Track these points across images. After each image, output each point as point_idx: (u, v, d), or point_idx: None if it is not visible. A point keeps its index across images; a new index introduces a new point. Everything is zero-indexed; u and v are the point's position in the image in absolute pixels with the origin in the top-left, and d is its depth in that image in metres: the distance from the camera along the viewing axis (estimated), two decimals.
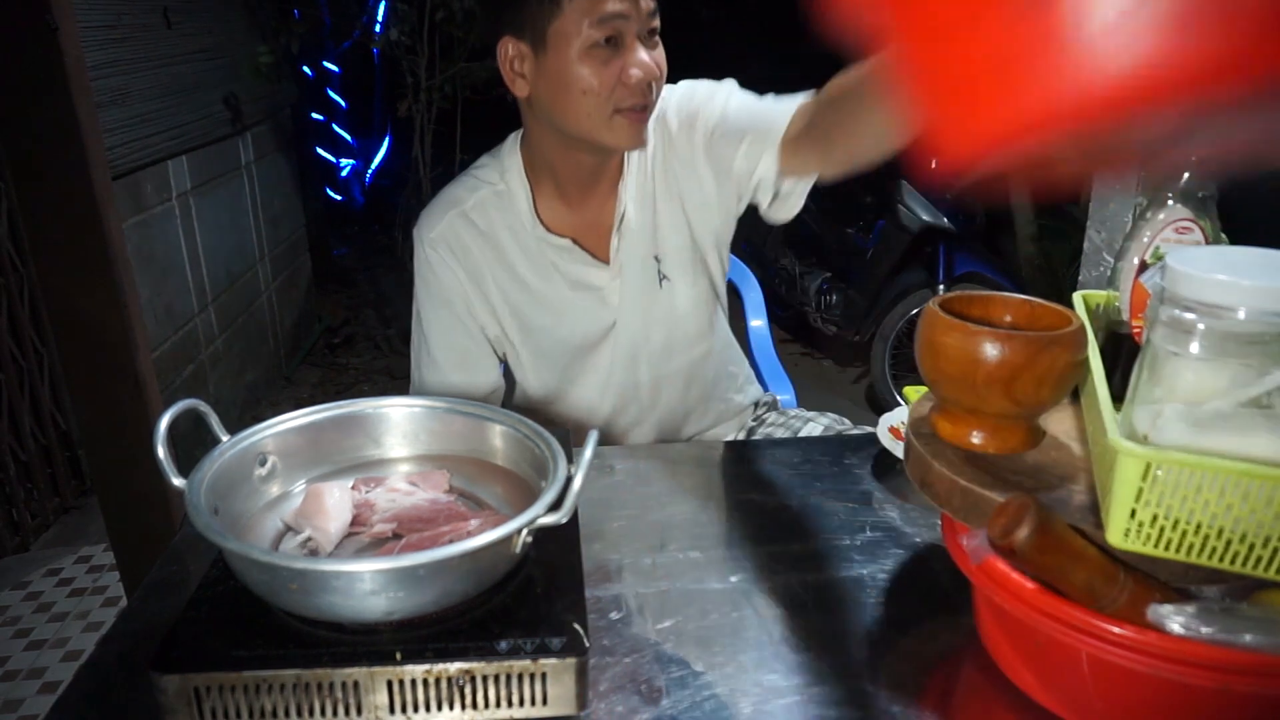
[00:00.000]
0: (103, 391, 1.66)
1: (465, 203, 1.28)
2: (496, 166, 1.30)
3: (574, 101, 1.14)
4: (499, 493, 0.91)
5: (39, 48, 1.48)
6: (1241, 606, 0.63)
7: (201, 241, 3.13)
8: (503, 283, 1.30)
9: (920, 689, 0.76)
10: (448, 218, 1.28)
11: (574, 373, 1.36)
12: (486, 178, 1.30)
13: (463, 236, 1.28)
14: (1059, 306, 0.79)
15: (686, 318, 1.36)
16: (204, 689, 0.67)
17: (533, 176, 1.28)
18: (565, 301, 1.31)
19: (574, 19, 1.10)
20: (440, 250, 1.28)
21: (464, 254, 1.28)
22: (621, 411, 1.40)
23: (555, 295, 1.31)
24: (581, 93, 1.13)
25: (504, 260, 1.29)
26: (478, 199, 1.28)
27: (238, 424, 0.88)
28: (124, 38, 2.61)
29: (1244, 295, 0.60)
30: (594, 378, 1.36)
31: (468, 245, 1.28)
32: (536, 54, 1.14)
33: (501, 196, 1.29)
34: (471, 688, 0.69)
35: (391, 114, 4.67)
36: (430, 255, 1.29)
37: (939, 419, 0.81)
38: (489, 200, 1.28)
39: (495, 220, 1.28)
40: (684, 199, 1.31)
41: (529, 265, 1.30)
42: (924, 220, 3.35)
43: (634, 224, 1.30)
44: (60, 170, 1.54)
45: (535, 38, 1.13)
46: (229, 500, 0.82)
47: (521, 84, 1.17)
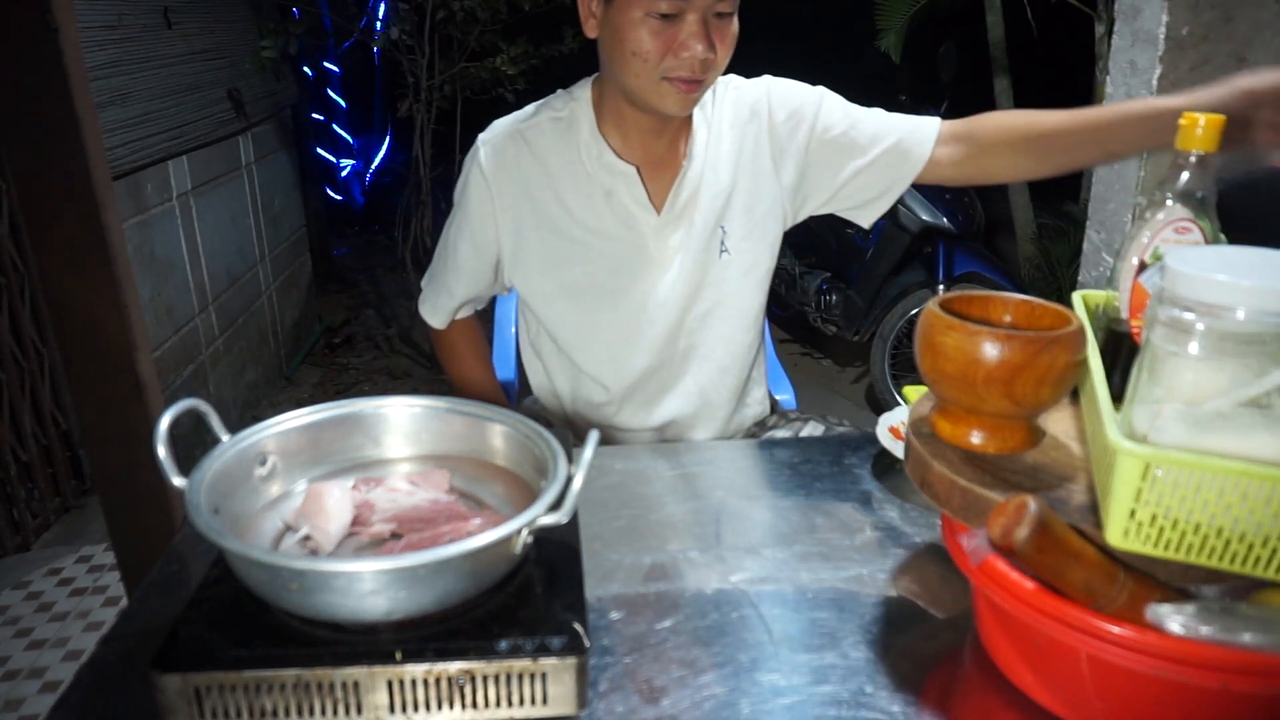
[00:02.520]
0: (103, 391, 1.66)
1: (524, 121, 1.33)
2: (565, 98, 1.34)
3: (625, 60, 1.18)
4: (499, 493, 0.91)
5: (39, 48, 1.48)
6: (1241, 606, 0.63)
7: (202, 241, 3.13)
8: (544, 203, 1.31)
9: (920, 689, 0.76)
10: (503, 127, 1.33)
11: (604, 317, 1.34)
12: (553, 105, 1.34)
13: (510, 148, 1.31)
14: (1059, 306, 0.79)
15: (738, 296, 1.37)
16: (204, 689, 0.67)
17: (599, 113, 1.31)
18: (608, 236, 1.31)
19: None
20: (482, 155, 1.31)
21: (502, 166, 1.31)
22: (650, 377, 1.38)
23: (599, 225, 1.31)
24: (632, 54, 1.17)
25: (551, 182, 1.31)
26: (537, 121, 1.32)
27: (238, 424, 0.88)
28: (124, 38, 2.61)
29: (1243, 295, 0.60)
30: (626, 328, 1.35)
31: (512, 158, 1.30)
32: (605, 2, 1.18)
33: (562, 123, 1.31)
34: (471, 687, 0.69)
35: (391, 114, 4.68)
36: (474, 164, 1.32)
37: (939, 419, 0.81)
38: (548, 125, 1.32)
39: (550, 144, 1.31)
40: (765, 182, 1.34)
41: (578, 192, 1.30)
42: (924, 220, 3.35)
43: (700, 185, 1.32)
44: (60, 170, 1.54)
45: None
46: (229, 500, 0.82)
47: (592, 25, 1.22)
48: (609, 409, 1.40)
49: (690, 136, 1.33)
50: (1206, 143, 0.77)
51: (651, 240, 1.32)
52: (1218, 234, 0.80)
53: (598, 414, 1.42)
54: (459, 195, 1.37)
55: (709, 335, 1.38)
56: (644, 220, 1.31)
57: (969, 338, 0.73)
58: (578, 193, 1.31)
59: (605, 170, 1.30)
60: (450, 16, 3.67)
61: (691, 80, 1.18)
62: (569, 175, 1.31)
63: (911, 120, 1.31)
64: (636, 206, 1.31)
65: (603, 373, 1.37)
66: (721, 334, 1.38)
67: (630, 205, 1.31)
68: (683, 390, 1.40)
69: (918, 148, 1.29)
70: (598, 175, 1.30)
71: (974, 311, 0.82)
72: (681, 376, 1.40)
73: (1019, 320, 0.82)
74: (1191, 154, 0.78)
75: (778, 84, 1.35)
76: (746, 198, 1.34)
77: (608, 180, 1.30)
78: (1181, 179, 0.79)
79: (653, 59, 1.16)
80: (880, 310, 3.49)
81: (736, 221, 1.34)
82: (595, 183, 1.30)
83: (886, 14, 3.75)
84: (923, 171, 1.30)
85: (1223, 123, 0.76)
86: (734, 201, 1.34)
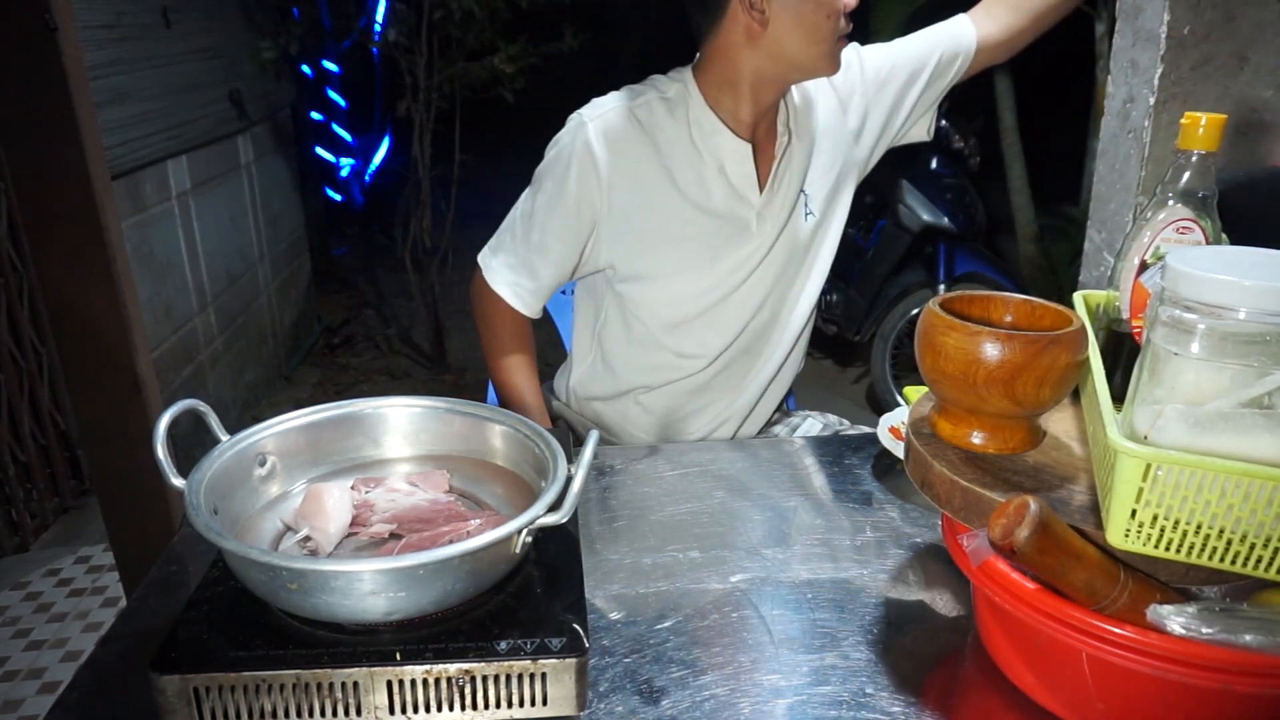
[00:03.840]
0: (102, 391, 1.66)
1: (631, 100, 1.32)
2: (668, 81, 1.34)
3: (813, 30, 1.21)
4: (499, 493, 0.91)
5: (38, 48, 1.48)
6: (1242, 607, 0.63)
7: (201, 241, 3.13)
8: (653, 181, 1.31)
9: (921, 690, 0.75)
10: (611, 106, 1.31)
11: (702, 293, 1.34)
12: (657, 86, 1.34)
13: (622, 126, 1.30)
14: (1059, 306, 0.79)
15: (822, 256, 1.41)
16: (204, 689, 0.67)
17: (707, 94, 1.30)
18: (716, 212, 1.32)
19: None
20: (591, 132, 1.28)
21: (613, 144, 1.29)
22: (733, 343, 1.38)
23: (708, 203, 1.31)
24: (819, 23, 1.20)
25: (661, 159, 1.31)
26: (646, 100, 1.32)
27: (237, 424, 0.88)
28: (123, 37, 2.61)
29: (1244, 295, 0.60)
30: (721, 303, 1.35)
31: (623, 136, 1.29)
32: None
33: (670, 103, 1.32)
34: (471, 688, 0.69)
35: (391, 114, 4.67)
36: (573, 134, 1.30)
37: (939, 419, 0.81)
38: (657, 104, 1.32)
39: (661, 122, 1.31)
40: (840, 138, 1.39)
41: (688, 169, 1.31)
42: (924, 220, 3.35)
43: (792, 158, 1.35)
44: (60, 170, 1.54)
45: None
46: (229, 500, 0.82)
47: (758, 19, 1.22)
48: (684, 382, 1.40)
49: (787, 115, 1.35)
50: (1208, 142, 0.77)
51: (755, 216, 1.33)
52: (1219, 234, 0.80)
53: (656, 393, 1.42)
54: (555, 172, 1.31)
55: (792, 299, 1.41)
56: (751, 197, 1.33)
57: (970, 338, 0.73)
58: (688, 170, 1.31)
59: (719, 146, 1.31)
60: (449, 16, 3.66)
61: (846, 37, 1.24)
62: (680, 153, 1.31)
63: (946, 28, 1.41)
64: (745, 184, 1.32)
65: (688, 345, 1.37)
66: (804, 295, 1.42)
67: (740, 183, 1.32)
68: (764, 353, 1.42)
69: (962, 53, 1.40)
70: (711, 151, 1.31)
71: (975, 311, 0.82)
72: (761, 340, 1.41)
73: (1020, 320, 0.81)
74: (1193, 153, 0.78)
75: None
76: (825, 158, 1.38)
77: (720, 157, 1.31)
78: (1183, 179, 0.79)
79: (832, 22, 1.21)
80: (881, 310, 3.49)
81: (818, 183, 1.38)
82: (707, 159, 1.31)
83: (882, 15, 3.75)
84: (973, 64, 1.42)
85: (1223, 122, 0.76)
86: (815, 164, 1.37)
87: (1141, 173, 1.14)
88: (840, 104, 1.39)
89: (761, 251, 1.34)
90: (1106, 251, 1.24)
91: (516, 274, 1.36)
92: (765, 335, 1.41)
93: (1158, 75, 1.10)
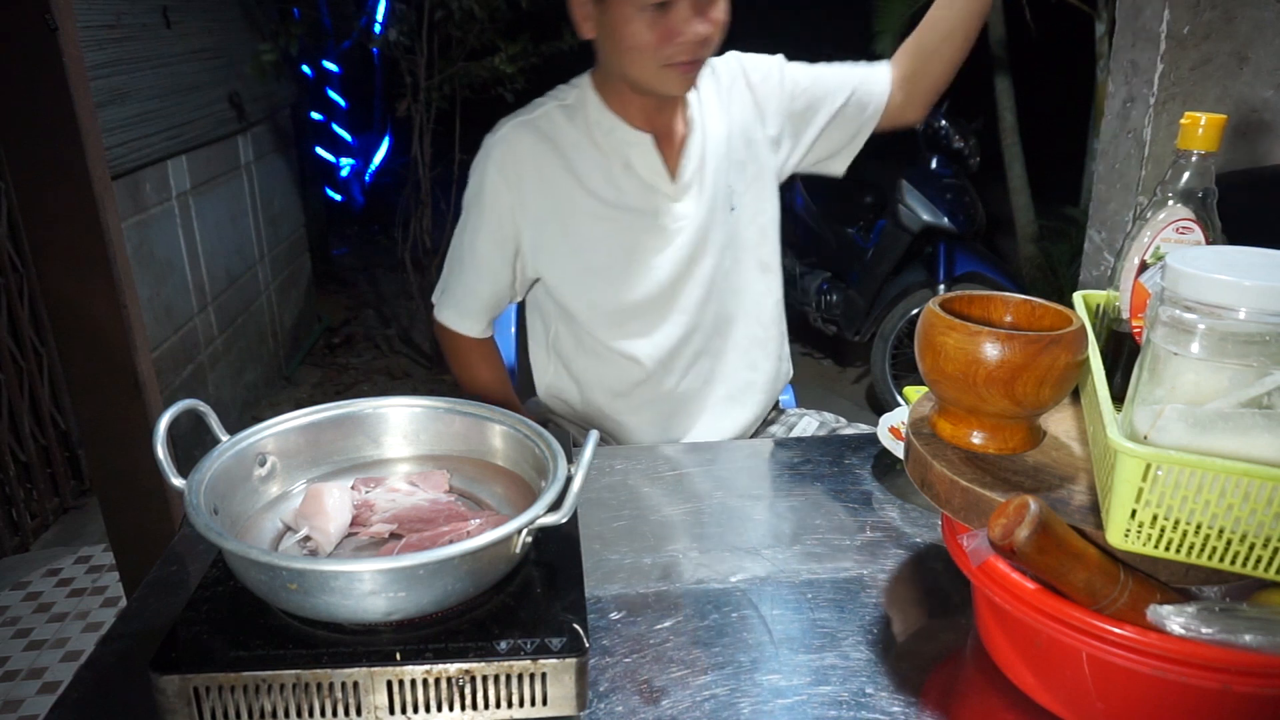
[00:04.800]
0: (102, 391, 1.66)
1: (531, 113, 1.34)
2: (567, 88, 1.37)
3: (625, 54, 1.22)
4: (499, 493, 0.91)
5: (39, 47, 1.48)
6: (1242, 607, 0.63)
7: (201, 241, 3.13)
8: (562, 188, 1.32)
9: (921, 690, 0.75)
10: (511, 124, 1.34)
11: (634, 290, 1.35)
12: (557, 95, 1.37)
13: (522, 141, 1.32)
14: (1059, 306, 0.79)
15: (753, 246, 1.42)
16: (204, 689, 0.67)
17: (604, 94, 1.33)
18: (628, 208, 1.33)
19: None
20: (495, 153, 1.32)
21: (516, 160, 1.31)
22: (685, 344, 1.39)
23: (619, 199, 1.33)
24: (630, 48, 1.20)
25: (567, 165, 1.32)
26: (545, 110, 1.34)
27: (237, 424, 0.88)
28: (124, 37, 2.61)
29: (1244, 295, 0.60)
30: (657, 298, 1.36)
31: (526, 150, 1.32)
32: (597, 3, 1.21)
33: (569, 109, 1.34)
34: (471, 688, 0.69)
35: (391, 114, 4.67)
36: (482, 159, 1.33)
37: (939, 419, 0.81)
38: (556, 112, 1.34)
39: (561, 128, 1.33)
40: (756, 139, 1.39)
41: (594, 170, 1.32)
42: (924, 220, 3.35)
43: (705, 151, 1.35)
44: (60, 170, 1.54)
45: None
46: (229, 500, 0.82)
47: (588, 26, 1.26)
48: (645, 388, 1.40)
49: (687, 107, 1.36)
50: (1207, 142, 0.77)
51: (671, 207, 1.34)
52: (1219, 234, 0.80)
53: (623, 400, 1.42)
54: (472, 198, 1.37)
55: (737, 294, 1.41)
56: (662, 187, 1.34)
57: (970, 338, 0.73)
58: (594, 170, 1.33)
59: (620, 142, 1.32)
60: (449, 16, 3.66)
61: (692, 61, 1.22)
62: (584, 155, 1.33)
63: (865, 70, 1.42)
64: (654, 174, 1.33)
65: (637, 348, 1.37)
66: (748, 290, 1.42)
67: (647, 174, 1.33)
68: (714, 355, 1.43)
69: (876, 96, 1.41)
70: (613, 148, 1.32)
71: (974, 312, 0.82)
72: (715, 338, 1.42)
73: (1020, 320, 0.81)
74: (1193, 153, 0.78)
75: (746, 55, 1.43)
76: (742, 155, 1.39)
77: (624, 151, 1.32)
78: (1183, 179, 0.79)
79: (650, 49, 1.20)
80: (881, 310, 3.49)
81: (738, 178, 1.39)
82: (611, 156, 1.33)
83: (884, 16, 3.75)
84: (883, 118, 1.42)
85: (1223, 122, 0.76)
86: (732, 160, 1.38)
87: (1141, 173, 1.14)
88: (757, 107, 1.40)
89: (686, 244, 1.34)
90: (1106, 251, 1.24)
91: (460, 302, 1.42)
92: (724, 334, 1.42)
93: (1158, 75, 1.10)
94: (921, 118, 1.45)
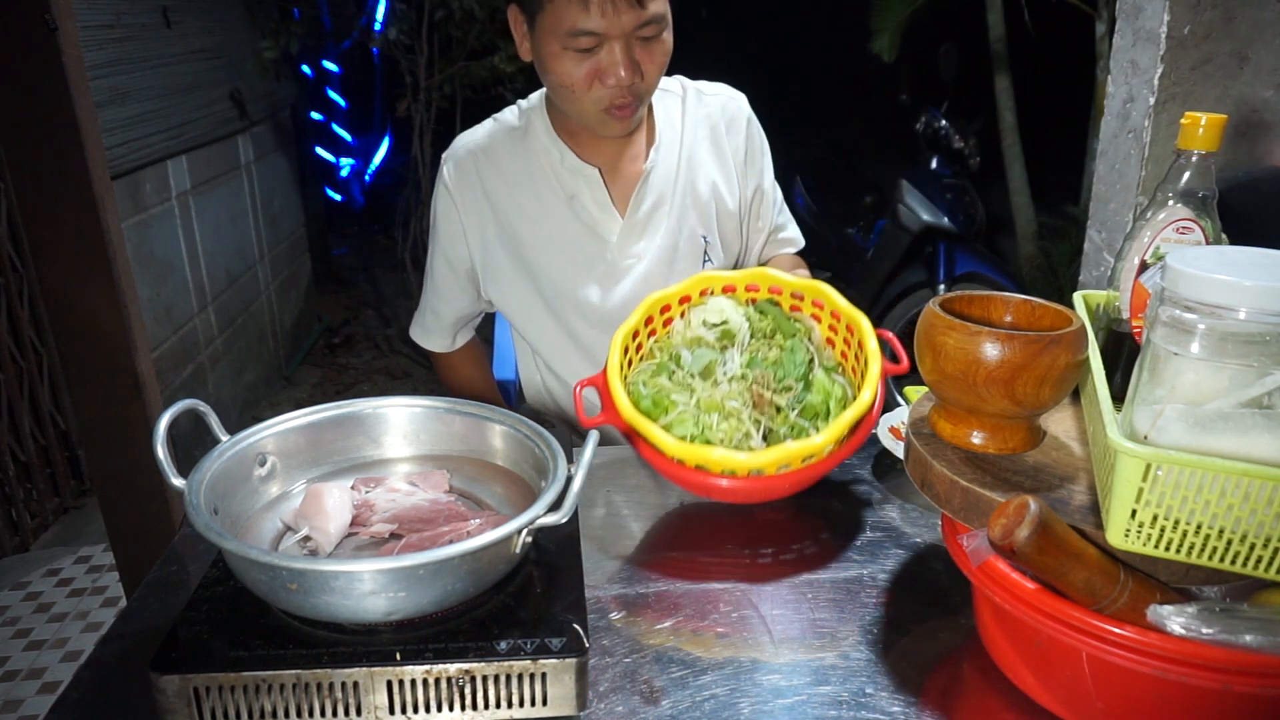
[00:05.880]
0: (102, 391, 1.66)
1: (482, 134, 1.32)
2: (518, 110, 1.34)
3: (556, 90, 1.19)
4: (499, 493, 0.91)
5: (38, 47, 1.48)
6: (1242, 607, 0.63)
7: (201, 241, 3.13)
8: (507, 215, 1.30)
9: (921, 690, 0.75)
10: (463, 143, 1.32)
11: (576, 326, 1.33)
12: (506, 119, 1.34)
13: (470, 163, 1.30)
14: (1059, 306, 0.79)
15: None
16: (204, 689, 0.67)
17: (554, 119, 1.29)
18: (571, 243, 1.29)
19: (554, 17, 1.11)
20: (445, 172, 1.31)
21: (465, 181, 1.30)
22: None
23: (563, 235, 1.29)
24: (559, 85, 1.17)
25: (513, 193, 1.30)
26: (495, 132, 1.32)
27: (237, 424, 0.88)
28: (124, 37, 2.61)
29: (1244, 295, 0.60)
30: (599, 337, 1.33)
31: (474, 172, 1.29)
32: (531, 31, 1.17)
33: (519, 132, 1.31)
34: (471, 688, 0.69)
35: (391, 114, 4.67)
36: (440, 187, 1.32)
37: (939, 419, 0.81)
38: (505, 136, 1.31)
39: (509, 154, 1.30)
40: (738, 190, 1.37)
41: (540, 201, 1.29)
42: (924, 220, 3.35)
43: (671, 194, 1.31)
44: (60, 170, 1.54)
45: (529, 17, 1.16)
46: (229, 500, 0.82)
47: (525, 48, 1.21)
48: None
49: (654, 142, 1.31)
50: (1208, 142, 0.77)
51: (617, 247, 1.30)
52: (1219, 234, 0.80)
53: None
54: (431, 219, 1.36)
55: None
56: (608, 226, 1.29)
57: (970, 338, 0.73)
58: (540, 202, 1.29)
59: (567, 172, 1.28)
60: (449, 15, 3.66)
61: (625, 105, 1.17)
62: (530, 184, 1.29)
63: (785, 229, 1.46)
64: (600, 211, 1.29)
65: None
66: None
67: (594, 210, 1.29)
68: None
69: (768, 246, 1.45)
70: (560, 179, 1.29)
71: (974, 312, 0.82)
72: None
73: (1020, 320, 0.81)
74: (1193, 153, 0.78)
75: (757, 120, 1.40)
76: (725, 207, 1.36)
77: (570, 183, 1.28)
78: (1183, 179, 0.79)
79: (580, 88, 1.15)
80: (881, 310, 3.49)
81: (718, 230, 1.36)
82: (557, 188, 1.29)
83: (882, 15, 3.75)
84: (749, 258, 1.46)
85: (1223, 122, 0.76)
86: (717, 210, 1.35)
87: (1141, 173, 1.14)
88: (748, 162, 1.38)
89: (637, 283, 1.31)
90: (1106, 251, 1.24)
91: (423, 320, 1.42)
92: None
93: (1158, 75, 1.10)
94: None
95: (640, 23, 1.11)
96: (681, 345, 1.08)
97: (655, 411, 1.00)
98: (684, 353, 1.05)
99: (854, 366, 1.06)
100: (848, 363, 1.07)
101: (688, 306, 1.12)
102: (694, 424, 0.97)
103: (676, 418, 0.98)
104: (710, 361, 1.03)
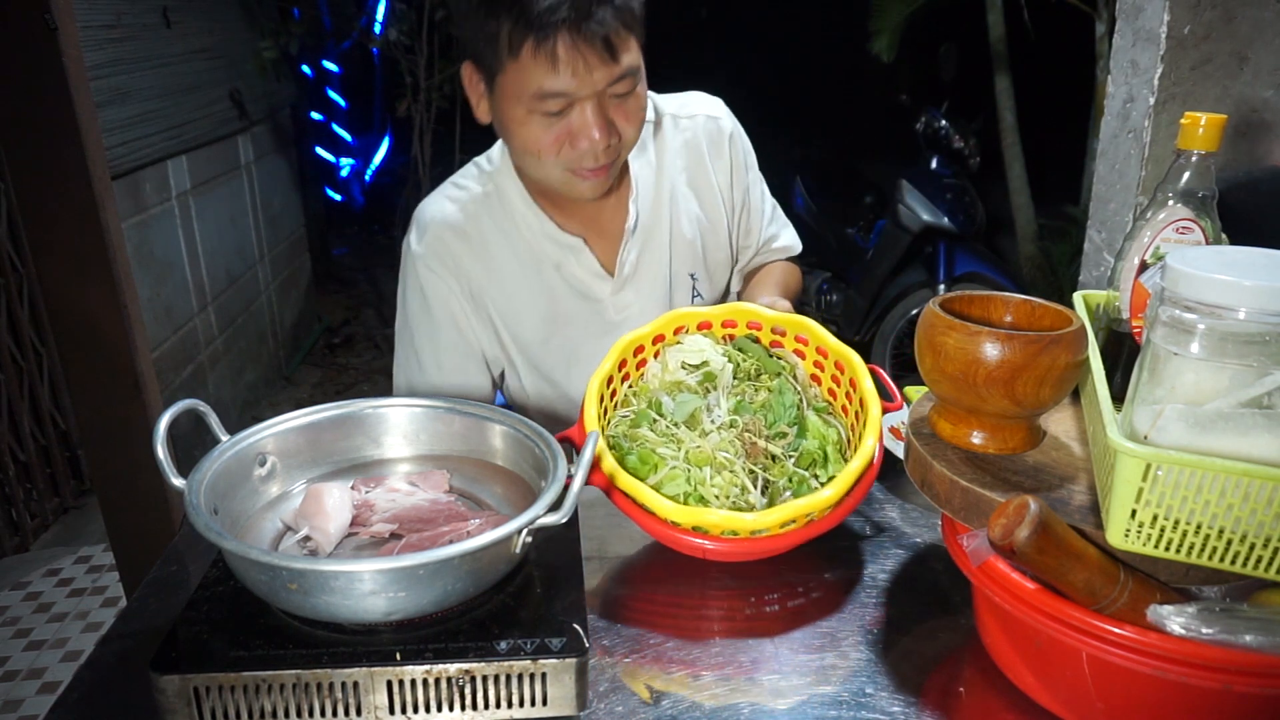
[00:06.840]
0: (102, 391, 1.66)
1: (449, 211, 1.21)
2: (485, 172, 1.24)
3: (523, 156, 1.10)
4: (499, 493, 0.91)
5: (39, 48, 1.48)
6: (1242, 607, 0.63)
7: (201, 241, 3.13)
8: (493, 291, 1.22)
9: (920, 689, 0.75)
10: (434, 230, 1.21)
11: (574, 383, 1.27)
12: (470, 188, 1.23)
13: (452, 247, 1.20)
14: (1059, 306, 0.79)
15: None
16: (204, 689, 0.67)
17: (528, 184, 1.21)
18: (561, 308, 1.24)
19: (517, 78, 1.02)
20: (432, 265, 1.20)
21: (455, 267, 1.20)
22: None
23: (551, 307, 1.23)
24: (527, 151, 1.08)
25: (493, 269, 1.21)
26: (464, 207, 1.21)
27: (237, 424, 0.88)
28: (124, 37, 2.61)
29: (1244, 295, 0.60)
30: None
31: (459, 256, 1.20)
32: (490, 92, 1.09)
33: (490, 199, 1.21)
34: (471, 688, 0.69)
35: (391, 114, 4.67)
36: (421, 270, 1.21)
37: (939, 419, 0.81)
38: (476, 207, 1.21)
39: (486, 226, 1.21)
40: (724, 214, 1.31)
41: (522, 272, 1.22)
42: (924, 220, 3.35)
43: (652, 240, 1.25)
44: (60, 170, 1.54)
45: (488, 77, 1.07)
46: (229, 500, 0.82)
47: (483, 109, 1.12)
48: None
49: (633, 193, 1.23)
50: (1207, 142, 0.77)
51: (609, 304, 1.24)
52: (1218, 234, 0.80)
53: None
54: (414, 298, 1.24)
55: None
56: (598, 288, 1.24)
57: (970, 338, 0.73)
58: (525, 277, 1.21)
59: (551, 243, 1.21)
60: (449, 15, 3.66)
61: (596, 169, 1.09)
62: (511, 259, 1.21)
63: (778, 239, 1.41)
64: (589, 276, 1.23)
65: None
66: None
67: (583, 276, 1.23)
68: None
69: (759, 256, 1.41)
70: (543, 249, 1.21)
71: (974, 312, 0.82)
72: None
73: (1020, 320, 0.81)
74: (1193, 153, 0.78)
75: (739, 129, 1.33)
76: (713, 239, 1.31)
77: (555, 254, 1.22)
78: (1183, 179, 0.79)
79: (549, 153, 1.06)
80: (881, 310, 3.50)
81: (704, 265, 1.31)
82: (541, 258, 1.22)
83: (881, 16, 3.75)
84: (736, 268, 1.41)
85: (1223, 122, 0.76)
86: (704, 245, 1.30)
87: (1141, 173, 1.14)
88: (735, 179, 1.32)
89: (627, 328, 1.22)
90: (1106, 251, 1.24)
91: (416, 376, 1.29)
92: None
93: (1158, 75, 1.10)
94: None
95: (613, 79, 1.03)
96: (660, 390, 1.00)
97: (643, 469, 0.90)
98: (664, 399, 0.97)
99: (845, 405, 1.00)
100: (837, 401, 1.01)
101: (662, 346, 1.05)
102: (686, 480, 0.88)
103: (667, 475, 0.89)
104: (695, 408, 0.95)
